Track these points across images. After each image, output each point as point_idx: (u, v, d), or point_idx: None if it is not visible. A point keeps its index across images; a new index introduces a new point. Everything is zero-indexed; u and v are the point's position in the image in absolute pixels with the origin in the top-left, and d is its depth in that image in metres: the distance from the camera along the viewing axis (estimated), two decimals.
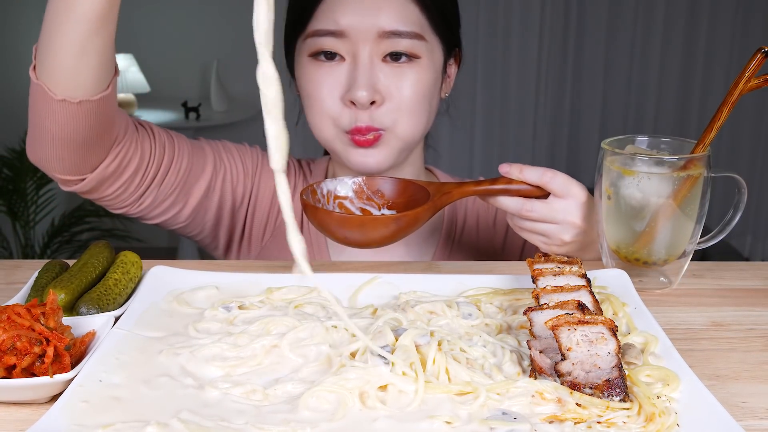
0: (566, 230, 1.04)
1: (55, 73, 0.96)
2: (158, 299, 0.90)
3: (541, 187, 1.04)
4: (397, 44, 1.11)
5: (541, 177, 1.03)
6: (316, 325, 0.82)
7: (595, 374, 0.70)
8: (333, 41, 1.11)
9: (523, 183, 1.04)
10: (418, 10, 1.13)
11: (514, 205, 1.04)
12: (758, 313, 0.94)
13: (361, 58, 1.11)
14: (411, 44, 1.12)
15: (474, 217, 1.34)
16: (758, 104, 4.63)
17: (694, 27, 4.57)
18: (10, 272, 1.05)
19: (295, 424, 0.66)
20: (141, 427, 0.65)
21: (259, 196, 1.30)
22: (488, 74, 4.61)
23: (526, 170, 1.03)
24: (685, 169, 0.95)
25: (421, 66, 1.14)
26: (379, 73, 1.12)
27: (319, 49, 1.13)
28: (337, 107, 1.13)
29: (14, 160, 3.61)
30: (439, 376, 0.73)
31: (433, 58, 1.16)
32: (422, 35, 1.13)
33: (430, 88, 1.17)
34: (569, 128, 4.76)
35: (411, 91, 1.13)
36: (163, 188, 1.15)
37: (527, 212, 1.04)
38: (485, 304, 0.91)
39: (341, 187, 1.04)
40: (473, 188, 1.05)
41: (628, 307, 0.88)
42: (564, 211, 1.03)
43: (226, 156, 1.25)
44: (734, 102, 0.95)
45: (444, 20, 1.18)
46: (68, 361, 0.72)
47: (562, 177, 1.03)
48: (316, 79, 1.14)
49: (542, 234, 1.05)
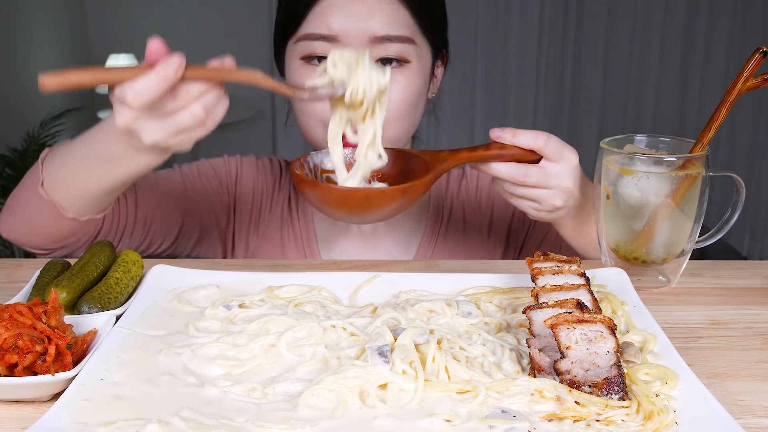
0: (558, 195, 1.00)
1: (73, 201, 1.02)
2: (159, 298, 0.91)
3: (535, 152, 0.99)
4: (387, 49, 1.12)
5: (535, 140, 0.98)
6: (314, 325, 0.82)
7: (594, 372, 0.71)
8: (324, 45, 1.12)
9: (516, 148, 0.99)
10: (409, 14, 1.14)
11: (509, 171, 0.99)
12: (756, 311, 0.94)
13: None
14: (401, 49, 1.13)
15: (460, 204, 1.35)
16: (756, 104, 4.63)
17: (693, 27, 4.57)
18: (11, 271, 1.05)
19: (295, 422, 0.67)
20: (142, 425, 0.65)
21: (237, 201, 1.33)
22: (487, 73, 4.60)
23: (519, 134, 0.99)
24: (683, 168, 0.96)
25: (411, 71, 1.15)
26: None
27: (311, 53, 1.14)
28: (326, 110, 1.13)
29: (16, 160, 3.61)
30: (439, 374, 0.73)
31: (422, 62, 1.17)
32: (413, 39, 1.14)
33: (418, 93, 1.18)
34: (568, 127, 4.76)
35: (399, 98, 1.14)
36: (134, 238, 1.19)
37: (523, 177, 0.99)
38: (485, 303, 0.91)
39: (328, 160, 0.97)
40: (467, 154, 1.00)
41: (626, 305, 0.89)
42: (557, 176, 0.99)
43: (201, 181, 1.29)
44: (733, 102, 0.95)
45: (433, 22, 1.19)
46: (70, 360, 0.72)
47: (556, 141, 1.00)
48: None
49: (534, 200, 1.02)
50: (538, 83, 4.64)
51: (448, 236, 1.33)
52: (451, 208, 1.35)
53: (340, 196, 0.90)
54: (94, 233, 1.10)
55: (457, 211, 1.35)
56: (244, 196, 1.33)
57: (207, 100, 0.82)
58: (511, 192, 1.02)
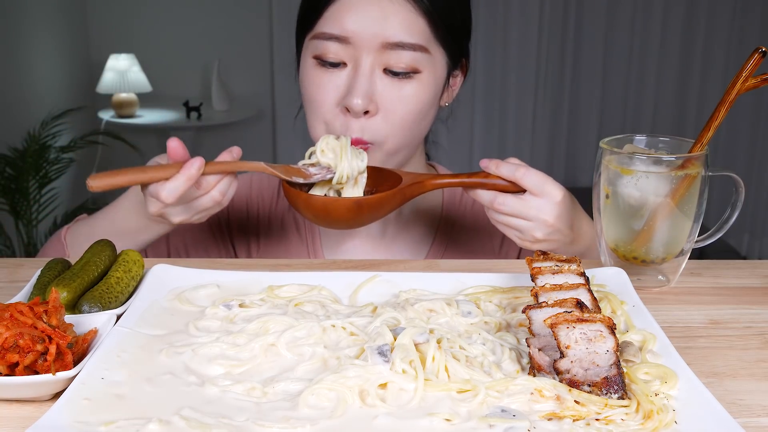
0: (538, 227, 1.05)
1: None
2: (160, 297, 0.91)
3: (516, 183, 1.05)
4: (399, 57, 1.11)
5: (514, 173, 1.04)
6: (313, 325, 0.82)
7: (594, 372, 0.71)
8: (337, 47, 1.11)
9: (499, 177, 1.06)
10: (425, 22, 1.11)
11: (487, 198, 1.06)
12: (755, 311, 0.95)
13: (362, 67, 1.11)
14: (413, 57, 1.11)
15: (472, 215, 1.35)
16: (755, 104, 4.64)
17: (692, 27, 4.57)
18: (12, 270, 1.05)
19: (295, 421, 0.67)
20: (143, 424, 0.65)
21: (231, 221, 1.35)
22: (487, 74, 4.61)
23: (502, 166, 1.05)
24: (682, 168, 0.96)
25: (421, 81, 1.13)
26: (377, 83, 1.12)
27: (323, 55, 1.13)
28: (331, 113, 1.14)
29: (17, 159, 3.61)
30: (439, 373, 0.74)
31: (435, 71, 1.15)
32: (426, 48, 1.12)
33: (428, 104, 1.16)
34: (568, 127, 4.77)
35: (406, 109, 1.13)
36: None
37: (499, 205, 1.05)
38: (484, 302, 0.91)
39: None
40: (448, 180, 1.08)
41: (626, 305, 0.89)
42: (536, 209, 1.04)
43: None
44: (732, 101, 0.95)
45: (451, 32, 1.16)
46: (70, 359, 0.73)
47: (536, 175, 1.04)
48: (317, 82, 1.15)
49: (516, 228, 1.07)
50: (537, 83, 4.64)
51: (458, 247, 1.33)
52: (464, 217, 1.35)
53: (304, 202, 1.05)
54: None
55: (470, 221, 1.35)
56: (237, 213, 1.34)
57: (222, 186, 1.01)
58: (495, 218, 1.08)
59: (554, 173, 4.50)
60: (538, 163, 4.69)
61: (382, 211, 1.06)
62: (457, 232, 1.34)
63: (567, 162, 4.83)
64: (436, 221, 1.34)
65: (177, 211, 1.01)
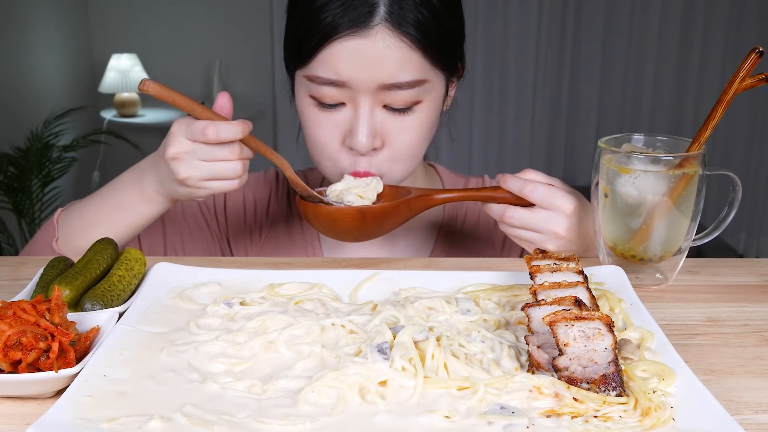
0: (550, 240, 1.05)
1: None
2: (161, 295, 0.91)
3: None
4: (396, 96, 1.07)
5: (522, 189, 1.05)
6: (312, 323, 0.83)
7: (592, 369, 0.71)
8: (333, 90, 1.07)
9: (509, 192, 1.06)
10: (420, 55, 1.06)
11: (497, 211, 1.07)
12: (752, 308, 0.95)
13: (361, 107, 1.08)
14: (411, 93, 1.08)
15: (474, 218, 1.35)
16: (752, 103, 4.64)
17: (690, 27, 4.57)
18: (15, 269, 1.06)
19: (295, 418, 0.67)
20: (145, 421, 0.66)
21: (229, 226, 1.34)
22: (486, 74, 4.61)
23: (510, 180, 1.06)
24: (680, 167, 0.96)
25: (422, 111, 1.11)
26: (378, 119, 1.09)
27: (320, 99, 1.09)
28: (336, 152, 1.12)
29: (19, 158, 3.62)
30: (438, 371, 0.74)
31: (435, 94, 1.12)
32: (424, 80, 1.08)
33: (431, 127, 1.15)
34: (566, 126, 4.77)
35: (409, 141, 1.11)
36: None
37: (509, 218, 1.06)
38: (484, 300, 0.91)
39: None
40: (456, 194, 1.09)
41: (624, 303, 0.89)
42: (546, 221, 1.04)
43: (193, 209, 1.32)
44: (729, 101, 0.96)
45: (446, 51, 1.11)
46: (73, 357, 0.73)
47: (545, 189, 1.04)
48: (317, 121, 1.11)
49: (528, 240, 1.07)
50: (536, 83, 4.64)
51: (460, 249, 1.33)
52: (466, 219, 1.35)
53: (312, 212, 1.06)
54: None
55: (472, 224, 1.35)
56: (234, 216, 1.34)
57: (246, 163, 1.00)
58: (505, 230, 1.09)
59: (553, 172, 4.47)
60: (537, 162, 4.69)
61: (388, 223, 1.06)
62: (459, 235, 1.34)
63: (565, 161, 4.83)
64: (438, 224, 1.34)
65: (192, 164, 0.97)
